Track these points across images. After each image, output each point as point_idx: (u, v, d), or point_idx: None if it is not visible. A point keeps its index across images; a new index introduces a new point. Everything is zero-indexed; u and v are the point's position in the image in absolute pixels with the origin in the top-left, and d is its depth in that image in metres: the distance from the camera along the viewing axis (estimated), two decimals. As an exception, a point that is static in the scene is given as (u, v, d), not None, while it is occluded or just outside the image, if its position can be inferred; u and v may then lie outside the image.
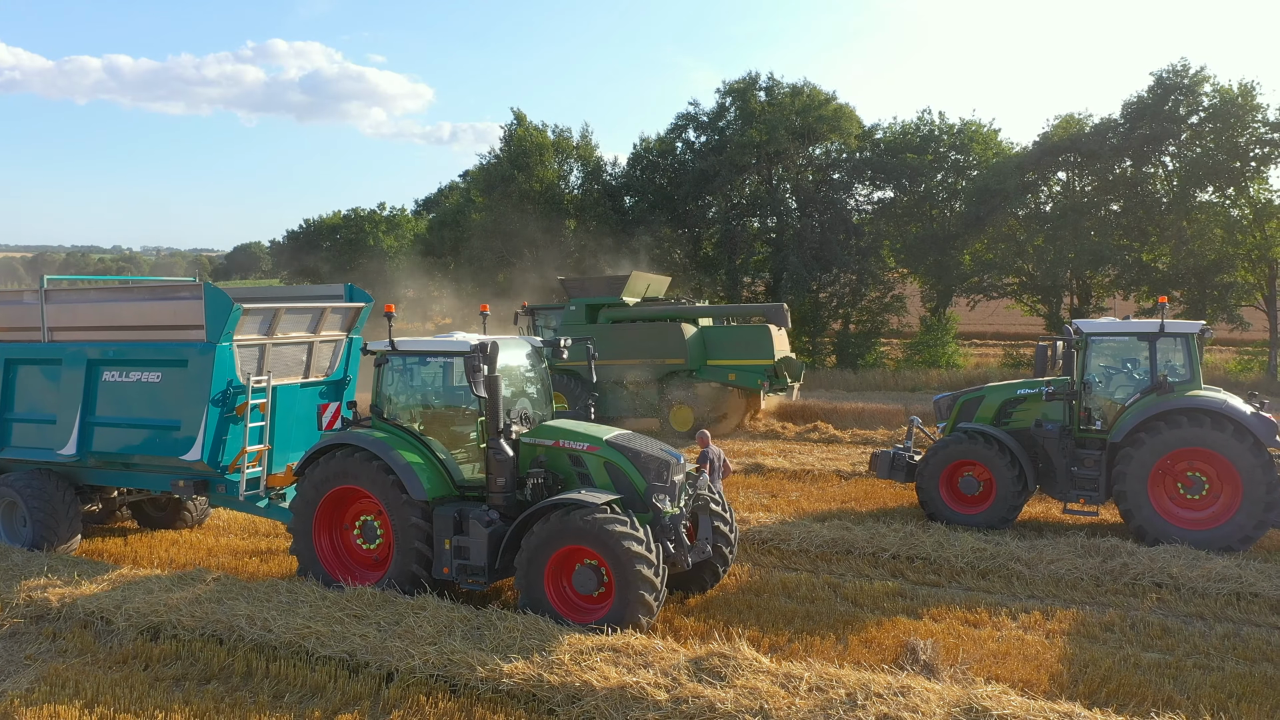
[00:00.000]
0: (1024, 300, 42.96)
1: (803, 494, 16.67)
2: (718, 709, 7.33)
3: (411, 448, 10.30)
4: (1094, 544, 12.26)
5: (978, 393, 15.01)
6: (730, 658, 8.08)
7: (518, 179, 43.91)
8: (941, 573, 11.82)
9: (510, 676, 7.97)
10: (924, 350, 41.58)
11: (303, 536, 10.58)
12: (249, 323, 11.32)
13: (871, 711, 7.12)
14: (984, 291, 43.17)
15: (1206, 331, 13.73)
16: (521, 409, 10.72)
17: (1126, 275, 39.27)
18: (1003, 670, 8.69)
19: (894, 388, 34.74)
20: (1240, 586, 10.88)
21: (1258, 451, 12.58)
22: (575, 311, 23.69)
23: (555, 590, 9.50)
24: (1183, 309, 37.61)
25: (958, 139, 44.45)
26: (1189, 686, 8.33)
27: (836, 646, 9.32)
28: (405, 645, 8.58)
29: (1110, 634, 9.71)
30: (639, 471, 9.88)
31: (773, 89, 44.92)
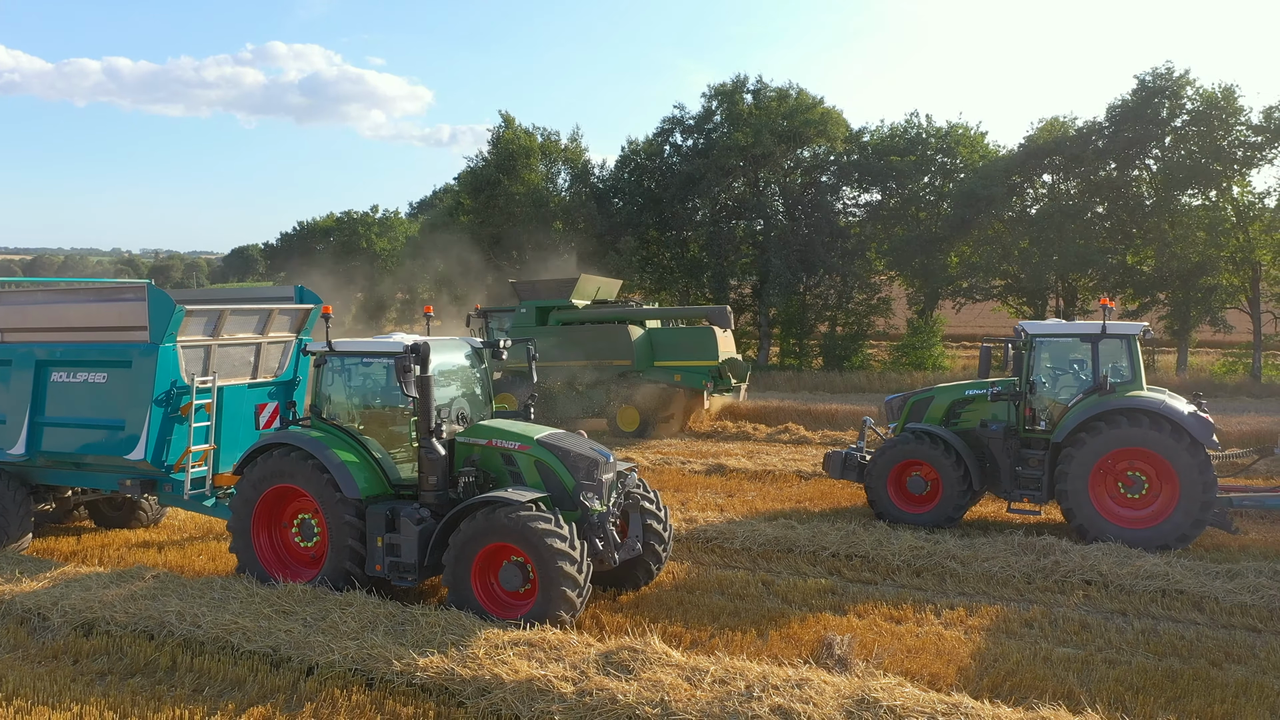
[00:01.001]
0: (1010, 303, 43.11)
1: (760, 494, 16.84)
2: (619, 701, 7.51)
3: (347, 447, 10.49)
4: (1030, 542, 12.44)
5: (927, 394, 15.19)
6: (640, 651, 8.25)
7: (503, 182, 44.14)
8: (878, 570, 11.99)
9: (424, 670, 8.16)
10: (910, 353, 41.75)
11: (241, 535, 10.77)
12: (192, 324, 11.52)
13: (766, 703, 7.29)
14: (969, 294, 43.40)
15: (1147, 333, 13.90)
16: (459, 409, 10.90)
17: (1111, 278, 39.48)
18: (914, 664, 8.87)
19: (879, 389, 34.83)
20: (1167, 584, 11.04)
21: (1194, 451, 12.74)
22: (526, 314, 24.10)
23: (482, 586, 9.69)
24: (1167, 311, 37.86)
25: (944, 142, 44.70)
26: (1092, 680, 8.50)
27: (757, 642, 9.49)
28: (327, 640, 8.78)
29: (1029, 629, 9.88)
30: (568, 470, 10.07)
31: (760, 92, 45.15)
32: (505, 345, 11.48)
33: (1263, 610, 10.31)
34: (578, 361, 23.01)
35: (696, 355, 22.74)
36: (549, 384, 23.54)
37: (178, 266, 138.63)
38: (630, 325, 23.26)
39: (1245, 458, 15.38)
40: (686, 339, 23.41)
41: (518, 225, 44.11)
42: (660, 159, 46.25)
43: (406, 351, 10.00)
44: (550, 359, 22.85)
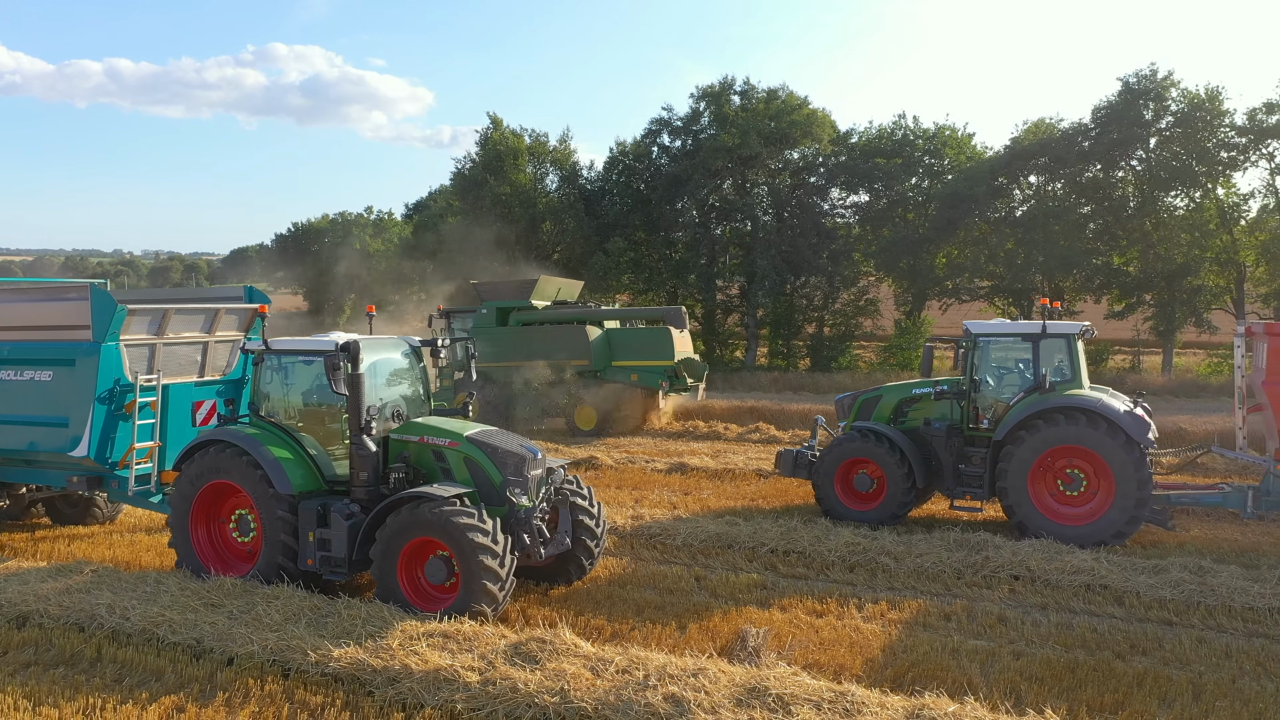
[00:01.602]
0: (996, 304, 43.25)
1: (716, 492, 17.03)
2: (520, 690, 7.71)
3: (283, 444, 10.69)
4: (965, 539, 12.63)
5: (876, 393, 15.37)
6: (549, 643, 8.45)
7: (490, 183, 44.36)
8: (813, 566, 12.18)
9: (338, 660, 8.37)
10: (897, 353, 41.87)
11: (179, 530, 10.98)
12: (136, 323, 11.74)
13: (661, 691, 7.49)
14: (955, 295, 43.59)
15: (1087, 332, 14.08)
16: (394, 406, 11.10)
17: (1095, 279, 39.67)
18: (824, 656, 9.06)
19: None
20: (1092, 579, 11.23)
21: (1130, 449, 12.91)
22: (487, 314, 24.43)
23: (409, 580, 9.88)
24: (1153, 312, 38.01)
25: (931, 143, 44.85)
26: (994, 670, 8.68)
27: (676, 635, 9.68)
28: (249, 632, 8.99)
29: (947, 623, 10.06)
30: (496, 466, 10.27)
31: (747, 93, 45.33)
32: (444, 344, 11.67)
33: (1180, 604, 10.48)
34: (537, 361, 23.30)
35: (653, 355, 23.06)
36: (509, 383, 23.83)
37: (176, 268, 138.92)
38: (588, 326, 23.58)
39: (1185, 455, 15.54)
40: (643, 339, 23.73)
41: (505, 226, 44.29)
42: (648, 160, 46.46)
43: (337, 350, 10.21)
44: (510, 359, 23.30)
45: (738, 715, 7.13)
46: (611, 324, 24.55)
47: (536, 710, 7.53)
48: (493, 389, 23.76)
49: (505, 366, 23.59)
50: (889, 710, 7.16)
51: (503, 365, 23.58)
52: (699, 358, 24.63)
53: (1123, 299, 39.26)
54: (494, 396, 23.83)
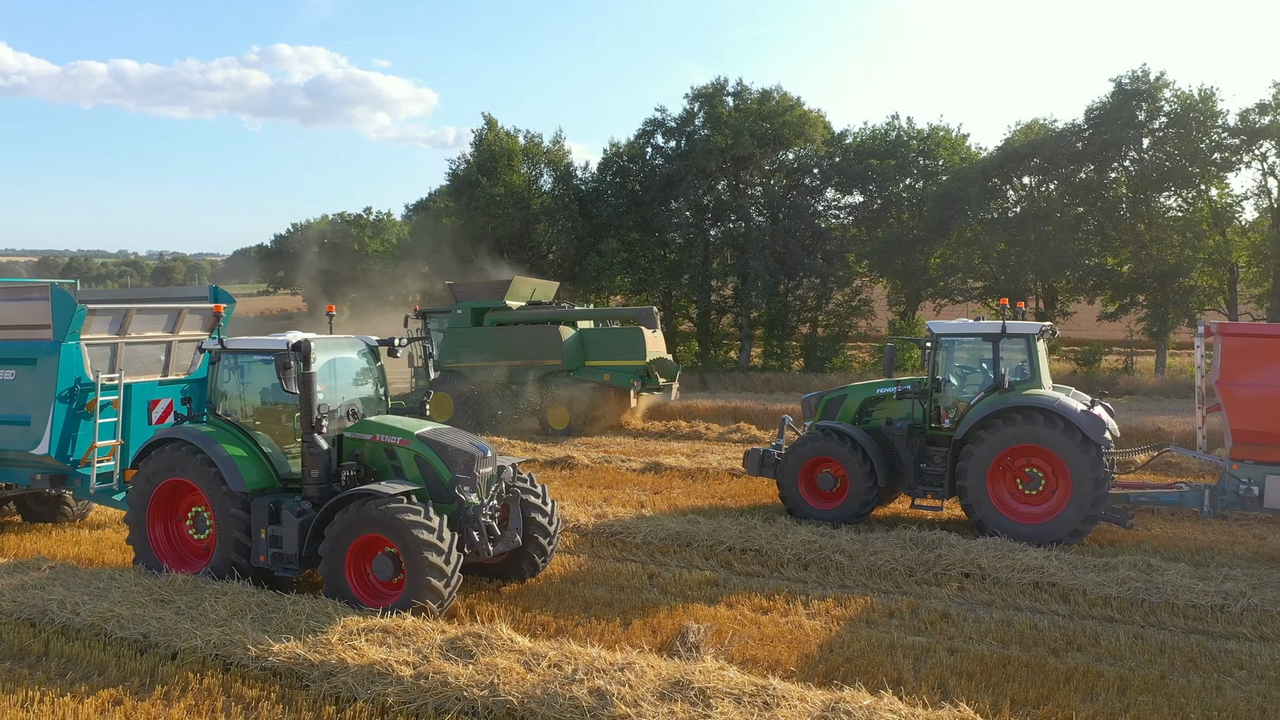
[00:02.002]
0: (990, 304, 43.26)
1: (687, 491, 17.14)
2: (450, 684, 7.84)
3: (237, 442, 10.84)
4: (920, 537, 12.73)
5: (841, 392, 15.48)
6: (485, 638, 8.58)
7: (483, 184, 44.51)
8: (768, 564, 12.29)
9: (277, 655, 8.51)
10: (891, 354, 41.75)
11: (136, 527, 11.13)
12: (96, 323, 11.90)
13: (587, 685, 7.61)
14: (949, 296, 43.66)
15: (1046, 331, 14.16)
16: (350, 405, 11.23)
17: (1088, 280, 39.72)
18: (761, 651, 9.17)
19: None
20: (1041, 577, 11.33)
21: (1086, 447, 13.00)
22: (462, 315, 24.64)
23: (357, 576, 10.02)
24: (1146, 314, 38.03)
25: (925, 144, 44.91)
26: (927, 666, 8.78)
27: (620, 630, 9.80)
28: (194, 627, 9.13)
29: (891, 619, 10.17)
30: (445, 464, 10.40)
31: (740, 94, 45.44)
32: (400, 343, 11.81)
33: (1125, 602, 10.58)
34: (511, 361, 23.55)
35: (625, 355, 23.24)
36: (484, 383, 24.02)
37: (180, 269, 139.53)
38: (561, 326, 23.77)
39: (1144, 455, 15.61)
40: (616, 339, 23.91)
41: (499, 227, 44.44)
42: (642, 161, 46.58)
43: (288, 349, 10.35)
44: (485, 359, 23.56)
45: (658, 708, 7.24)
46: (585, 324, 24.67)
47: (465, 703, 7.66)
48: (468, 388, 23.99)
49: (480, 366, 23.79)
50: (807, 704, 7.27)
51: (478, 365, 23.80)
52: (671, 358, 24.80)
53: (1116, 300, 39.30)
54: (469, 396, 24.04)
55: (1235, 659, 9.02)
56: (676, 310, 48.15)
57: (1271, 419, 12.27)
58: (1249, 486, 12.65)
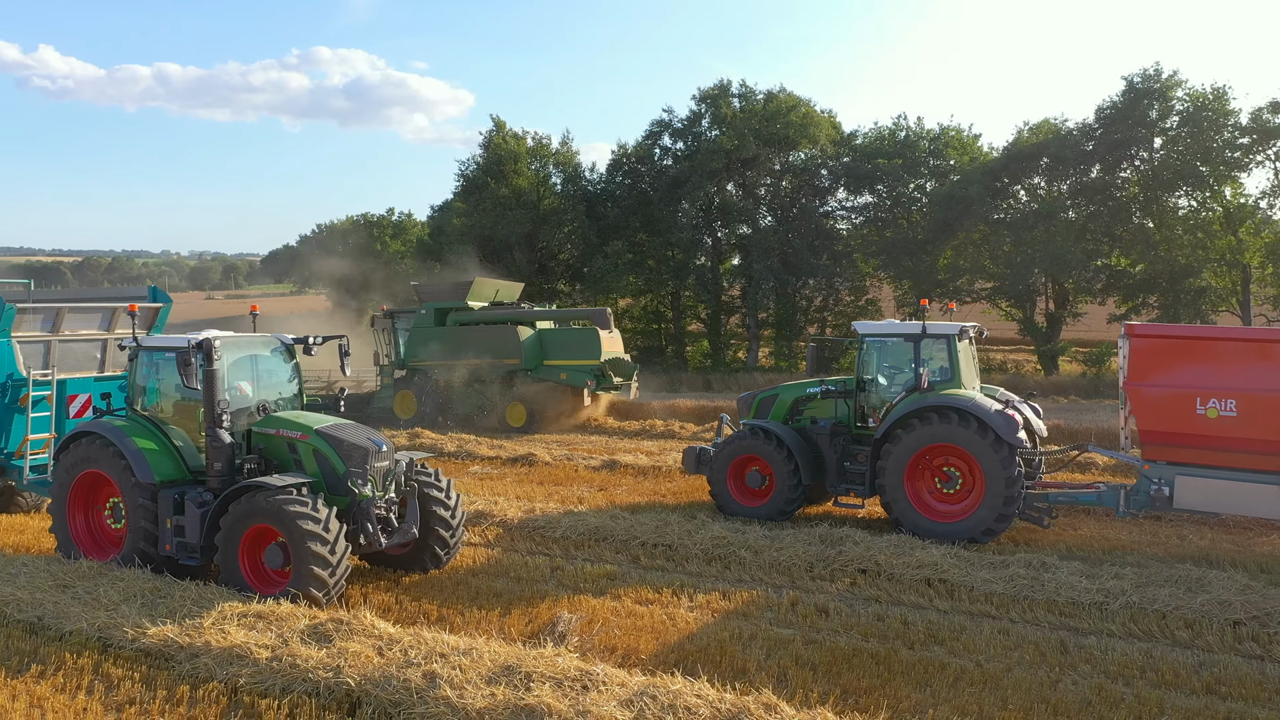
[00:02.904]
0: (1000, 305, 43.03)
1: (632, 488, 17.44)
2: (299, 666, 8.24)
3: (150, 435, 11.33)
4: (828, 533, 12.94)
5: (773, 391, 15.70)
6: (346, 623, 8.97)
7: (490, 185, 45.10)
8: (674, 558, 12.56)
9: (150, 637, 8.97)
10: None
11: (58, 516, 11.68)
12: (27, 321, 12.47)
13: (424, 668, 7.96)
14: (956, 296, 43.55)
15: (966, 332, 14.26)
16: (260, 400, 11.68)
17: (1097, 280, 39.43)
18: (623, 641, 9.47)
19: None
20: (934, 573, 11.50)
21: (998, 447, 13.11)
22: (426, 315, 25.28)
23: (251, 565, 10.45)
24: (1156, 315, 37.66)
25: (935, 144, 44.80)
26: (777, 656, 9.02)
27: (498, 619, 10.14)
28: (85, 610, 9.62)
29: (767, 613, 10.41)
30: (340, 458, 10.80)
31: (745, 95, 45.62)
32: (315, 341, 12.23)
33: (1007, 598, 10.73)
34: (472, 360, 24.13)
35: (580, 355, 23.76)
36: (447, 381, 24.62)
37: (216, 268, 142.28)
38: (520, 326, 24.33)
39: (1064, 455, 15.64)
40: (572, 339, 24.49)
41: (506, 228, 44.98)
42: (651, 162, 46.91)
43: (188, 347, 10.81)
44: (447, 358, 24.26)
45: (480, 690, 7.57)
46: (545, 325, 25.20)
47: (309, 685, 8.04)
48: (431, 386, 24.68)
49: (443, 365, 24.39)
50: (624, 689, 7.54)
51: (441, 364, 24.42)
52: (628, 358, 25.22)
53: (1126, 301, 38.97)
54: (432, 393, 24.71)
55: (1088, 654, 9.15)
56: (685, 310, 48.50)
57: (1175, 419, 12.32)
58: (1159, 487, 12.70)
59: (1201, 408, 12.19)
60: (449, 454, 21.08)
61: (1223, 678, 8.59)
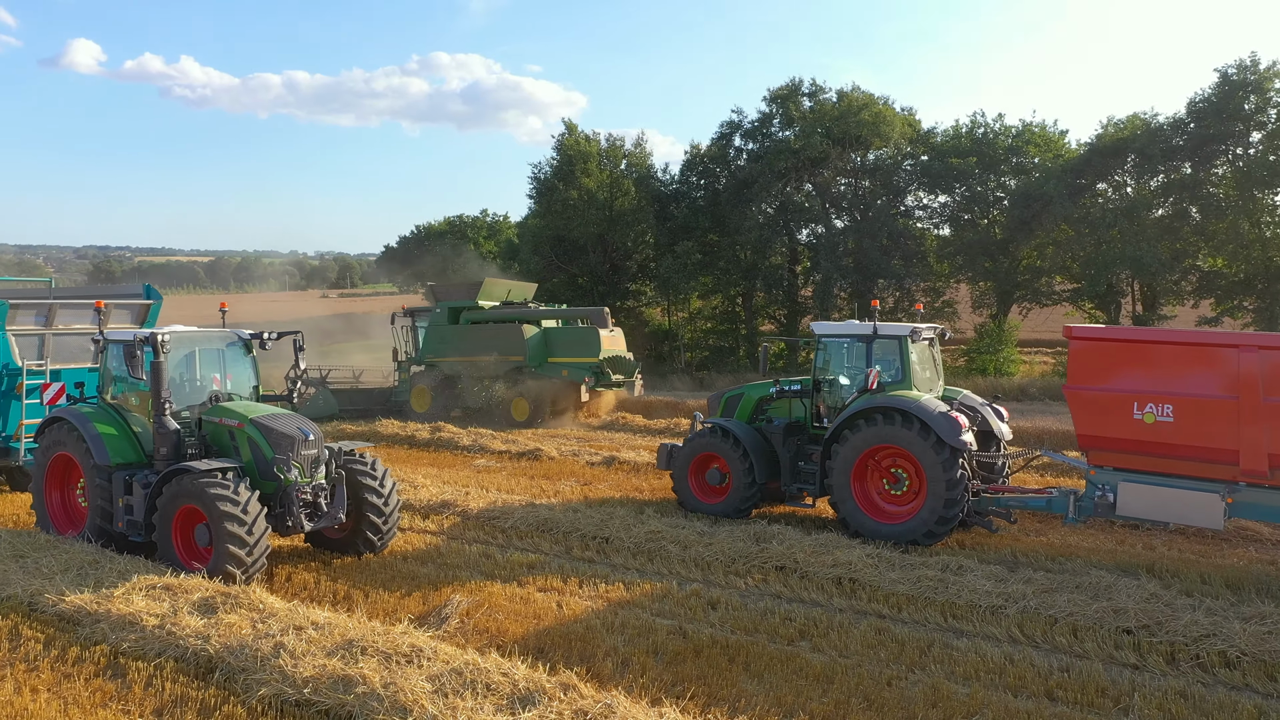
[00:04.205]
0: (1082, 307, 41.71)
1: (616, 484, 17.84)
2: (175, 633, 8.98)
3: (111, 421, 12.33)
4: (760, 530, 13.11)
5: (739, 391, 15.87)
6: (234, 597, 9.69)
7: (559, 188, 46.00)
8: (605, 551, 12.92)
9: (66, 603, 9.86)
10: (976, 357, 41.00)
11: (36, 494, 12.82)
12: (21, 316, 13.68)
13: (276, 640, 8.58)
14: (1037, 299, 42.43)
15: (920, 333, 14.16)
16: (212, 391, 12.55)
17: (1187, 281, 37.93)
18: (499, 625, 9.92)
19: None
20: (847, 573, 11.57)
21: (939, 449, 13.02)
22: (440, 314, 26.30)
23: (183, 542, 11.30)
24: (1252, 318, 36.00)
25: (1016, 141, 43.66)
26: (635, 645, 9.30)
27: (398, 601, 10.72)
28: (25, 578, 10.62)
29: (656, 603, 10.69)
30: (270, 445, 11.56)
31: (816, 94, 45.38)
32: (270, 337, 13.05)
33: (905, 598, 10.75)
34: (481, 357, 25.06)
35: (581, 353, 24.45)
36: (457, 377, 25.65)
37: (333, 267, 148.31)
38: (525, 325, 25.10)
39: (1019, 459, 15.27)
40: (573, 338, 25.30)
41: (576, 229, 45.81)
42: (723, 163, 47.08)
43: (134, 340, 11.74)
44: (459, 355, 25.43)
45: (315, 660, 8.13)
46: (550, 324, 25.94)
47: (179, 651, 8.77)
48: (444, 381, 25.79)
49: (455, 361, 25.41)
50: (440, 664, 7.98)
51: (453, 360, 25.48)
52: (630, 356, 25.70)
53: (1220, 303, 37.32)
54: (444, 388, 25.83)
55: (948, 655, 9.15)
56: (758, 312, 48.45)
57: (1112, 424, 12.03)
58: (1104, 493, 12.42)
59: (1139, 412, 11.88)
60: (463, 447, 21.88)
61: (1067, 683, 8.51)
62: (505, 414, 25.25)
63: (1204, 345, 11.86)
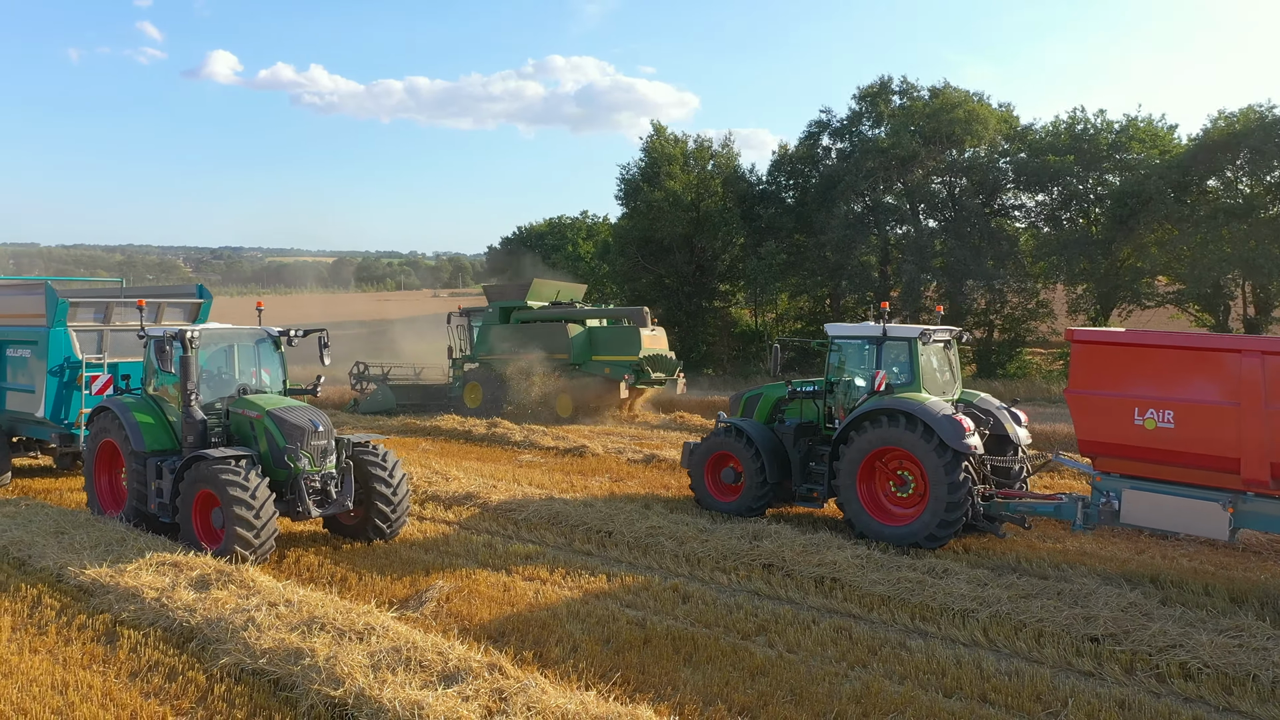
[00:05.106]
0: (1187, 309, 40.02)
1: (646, 480, 18.19)
2: (166, 605, 9.77)
3: (149, 411, 13.33)
4: (760, 529, 13.27)
5: (758, 391, 16.01)
6: (228, 575, 10.44)
7: (644, 189, 46.47)
8: (605, 545, 13.29)
9: (86, 576, 10.80)
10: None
11: (88, 477, 13.93)
12: (80, 313, 14.86)
13: (248, 615, 9.25)
14: (1137, 300, 40.88)
15: (931, 335, 14.05)
16: (240, 383, 13.42)
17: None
18: (469, 610, 10.40)
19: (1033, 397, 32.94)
20: (830, 572, 11.67)
21: (942, 451, 12.94)
22: (492, 313, 27.19)
23: (202, 523, 12.17)
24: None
25: (1119, 138, 42.13)
26: (600, 634, 9.60)
27: (389, 585, 11.32)
28: (58, 552, 11.65)
29: (631, 595, 11.01)
30: (283, 436, 12.33)
31: (906, 92, 44.72)
32: (296, 334, 13.88)
33: (879, 599, 10.80)
34: (529, 355, 25.72)
35: (622, 351, 24.96)
36: (508, 373, 26.62)
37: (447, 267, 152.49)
38: (570, 324, 25.68)
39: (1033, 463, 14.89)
40: (616, 336, 25.91)
41: (662, 230, 46.21)
42: (810, 163, 46.81)
43: (164, 337, 12.68)
44: (509, 352, 26.26)
45: (279, 633, 8.76)
46: (595, 323, 26.67)
47: (168, 621, 9.55)
48: (495, 378, 26.65)
49: (505, 358, 26.24)
50: (385, 640, 8.50)
51: (504, 357, 26.34)
52: (672, 355, 26.04)
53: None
54: (495, 384, 26.82)
55: (899, 656, 9.20)
56: (846, 313, 47.95)
57: (1113, 429, 11.77)
58: (1109, 500, 12.15)
59: (1139, 418, 11.60)
60: (514, 443, 22.56)
61: (1005, 686, 8.49)
62: (550, 410, 25.94)
63: (1205, 350, 11.50)
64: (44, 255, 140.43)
